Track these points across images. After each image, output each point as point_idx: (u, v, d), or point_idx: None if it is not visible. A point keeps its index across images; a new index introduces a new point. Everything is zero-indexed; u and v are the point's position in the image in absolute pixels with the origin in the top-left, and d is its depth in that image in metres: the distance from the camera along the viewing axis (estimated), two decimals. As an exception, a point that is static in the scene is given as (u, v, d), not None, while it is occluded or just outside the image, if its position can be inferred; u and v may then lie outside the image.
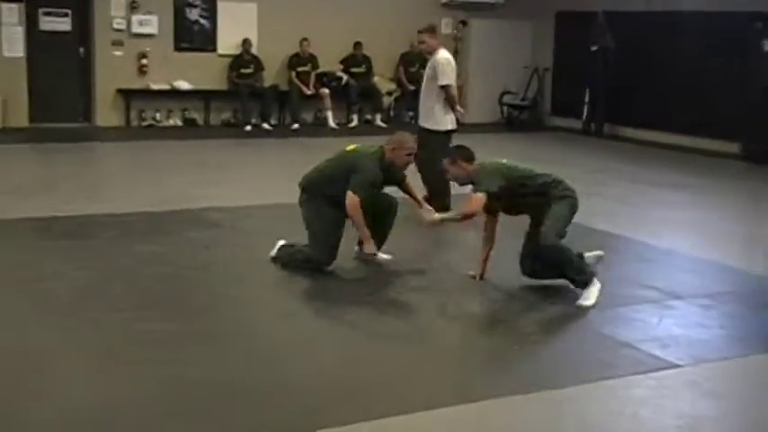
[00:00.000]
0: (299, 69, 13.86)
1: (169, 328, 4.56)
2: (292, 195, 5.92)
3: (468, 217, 5.38)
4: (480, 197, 5.27)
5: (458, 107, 7.37)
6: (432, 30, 7.58)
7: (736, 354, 4.59)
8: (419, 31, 7.71)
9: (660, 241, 6.92)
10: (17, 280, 5.31)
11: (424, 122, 7.39)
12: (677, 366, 4.34)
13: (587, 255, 5.57)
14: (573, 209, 5.39)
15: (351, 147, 5.80)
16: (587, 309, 5.11)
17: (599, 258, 5.64)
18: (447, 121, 7.36)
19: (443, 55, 7.34)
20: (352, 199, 5.42)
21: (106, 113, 12.90)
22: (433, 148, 6.85)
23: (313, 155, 6.74)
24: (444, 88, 7.21)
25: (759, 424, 3.82)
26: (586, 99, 14.28)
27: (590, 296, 5.19)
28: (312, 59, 13.92)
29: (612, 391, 4.03)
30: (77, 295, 5.04)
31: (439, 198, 7.13)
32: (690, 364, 4.37)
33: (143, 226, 6.82)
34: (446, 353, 4.46)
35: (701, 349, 4.60)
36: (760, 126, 11.80)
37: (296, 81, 13.79)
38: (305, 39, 13.70)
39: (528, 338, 4.69)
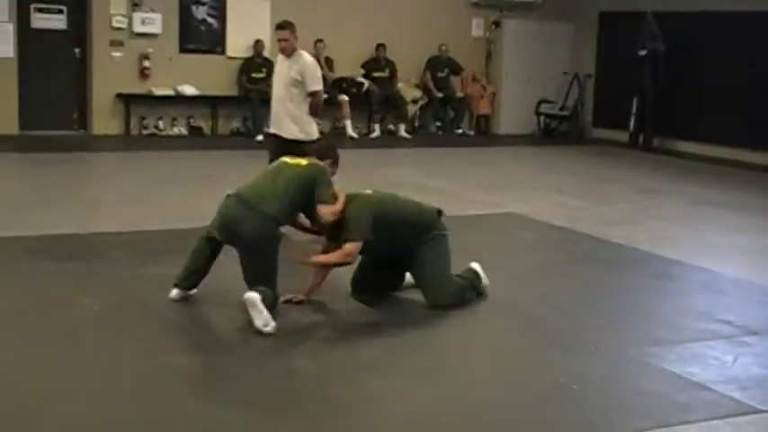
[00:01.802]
0: (316, 74, 13.87)
1: (195, 362, 4.54)
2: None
3: (339, 265, 5.38)
4: (356, 247, 5.28)
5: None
6: (293, 26, 7.40)
7: (824, 397, 4.52)
8: (279, 26, 7.37)
9: (729, 269, 6.86)
10: (17, 311, 5.23)
11: (290, 132, 7.17)
12: (760, 412, 4.27)
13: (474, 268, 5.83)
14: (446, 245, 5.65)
15: (289, 160, 5.62)
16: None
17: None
18: (315, 131, 7.26)
19: (310, 57, 7.26)
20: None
21: (104, 121, 12.95)
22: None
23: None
24: (314, 95, 7.13)
25: None
26: (633, 109, 14.28)
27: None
28: (329, 63, 13.96)
29: (692, 437, 3.98)
30: (91, 325, 5.02)
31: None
32: (773, 409, 4.32)
33: (154, 245, 6.81)
34: (486, 389, 4.41)
35: (784, 392, 4.54)
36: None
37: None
38: (319, 40, 13.74)
39: (588, 375, 4.63)
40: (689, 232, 8.26)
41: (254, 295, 4.90)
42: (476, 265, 5.84)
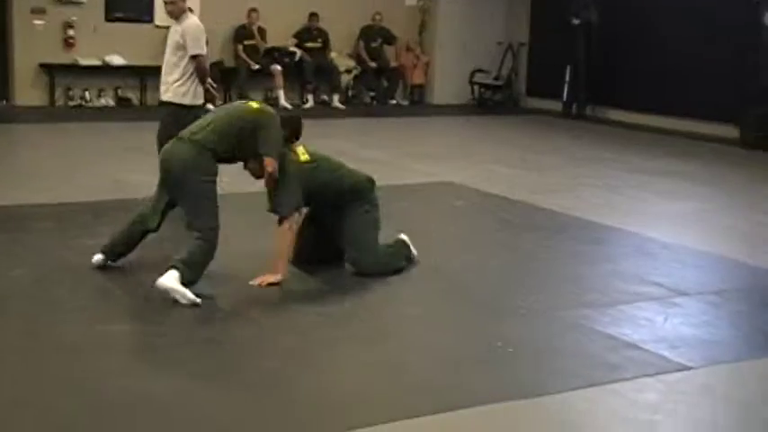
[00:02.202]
0: (247, 43, 13.80)
1: (127, 331, 4.54)
2: (245, 183, 5.94)
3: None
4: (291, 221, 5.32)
5: (209, 80, 7.30)
6: None
7: (751, 355, 4.69)
8: None
9: (660, 234, 7.04)
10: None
11: (171, 96, 7.14)
12: (689, 368, 4.43)
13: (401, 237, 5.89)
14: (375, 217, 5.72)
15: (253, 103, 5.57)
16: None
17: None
18: (198, 95, 7.21)
19: (194, 21, 7.22)
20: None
21: (27, 91, 12.71)
22: (181, 123, 6.14)
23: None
24: (196, 58, 7.13)
25: (782, 430, 3.92)
26: (567, 78, 14.46)
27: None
28: (261, 32, 13.87)
29: (622, 395, 4.10)
30: (20, 296, 4.98)
31: None
32: (702, 366, 4.47)
33: (81, 217, 6.76)
34: (421, 356, 4.49)
35: (712, 350, 4.70)
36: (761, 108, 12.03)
37: (243, 56, 13.73)
38: (253, 9, 13.66)
39: (521, 339, 4.74)
40: (622, 199, 8.43)
41: (164, 282, 4.82)
42: (404, 236, 5.90)
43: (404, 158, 10.05)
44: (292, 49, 14.20)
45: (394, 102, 15.27)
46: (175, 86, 7.00)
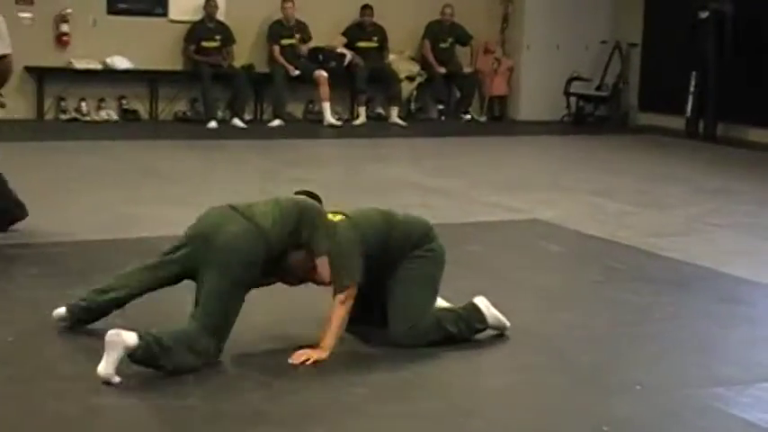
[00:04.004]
0: (284, 43, 13.96)
1: (130, 405, 4.59)
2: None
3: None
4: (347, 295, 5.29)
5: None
6: None
7: None
8: None
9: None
10: None
11: None
12: None
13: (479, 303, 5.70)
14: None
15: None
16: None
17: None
18: None
19: None
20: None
21: (9, 102, 12.91)
22: None
23: (304, 164, 6.76)
24: (3, 60, 7.16)
25: None
26: (692, 87, 14.38)
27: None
28: (301, 29, 14.02)
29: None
30: (2, 361, 5.03)
31: None
32: None
33: (76, 261, 6.83)
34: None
35: None
36: None
37: (279, 59, 13.89)
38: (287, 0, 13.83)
39: (635, 423, 4.69)
40: (762, 244, 8.34)
41: (113, 336, 4.72)
42: (480, 300, 5.74)
43: (480, 189, 10.06)
44: (341, 50, 14.33)
45: (468, 117, 15.32)
46: None
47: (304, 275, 5.31)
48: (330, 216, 5.43)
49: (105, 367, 4.73)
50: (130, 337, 4.74)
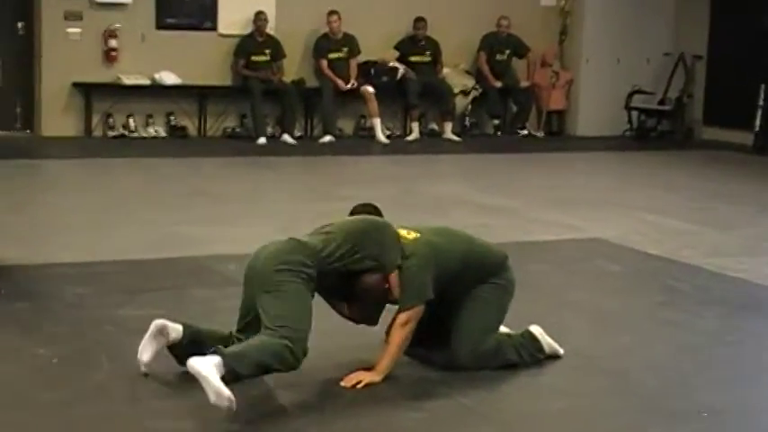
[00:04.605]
0: (332, 57, 14.02)
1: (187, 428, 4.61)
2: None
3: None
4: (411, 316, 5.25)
5: None
6: None
7: None
8: None
9: None
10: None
11: None
12: None
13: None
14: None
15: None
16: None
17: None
18: None
19: None
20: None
21: (56, 119, 13.10)
22: None
23: (356, 181, 6.75)
24: None
25: None
26: (761, 101, 14.28)
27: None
28: (349, 42, 14.06)
29: None
30: (47, 383, 5.06)
31: None
32: None
33: (125, 280, 6.88)
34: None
35: None
36: None
37: (327, 72, 13.95)
38: (333, 12, 13.89)
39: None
40: None
41: (196, 365, 4.61)
42: (535, 329, 5.72)
43: (537, 207, 10.03)
44: (393, 63, 14.34)
45: (525, 132, 15.27)
46: None
47: (380, 297, 5.21)
48: (404, 233, 5.41)
49: (216, 397, 4.56)
50: (207, 361, 4.61)
